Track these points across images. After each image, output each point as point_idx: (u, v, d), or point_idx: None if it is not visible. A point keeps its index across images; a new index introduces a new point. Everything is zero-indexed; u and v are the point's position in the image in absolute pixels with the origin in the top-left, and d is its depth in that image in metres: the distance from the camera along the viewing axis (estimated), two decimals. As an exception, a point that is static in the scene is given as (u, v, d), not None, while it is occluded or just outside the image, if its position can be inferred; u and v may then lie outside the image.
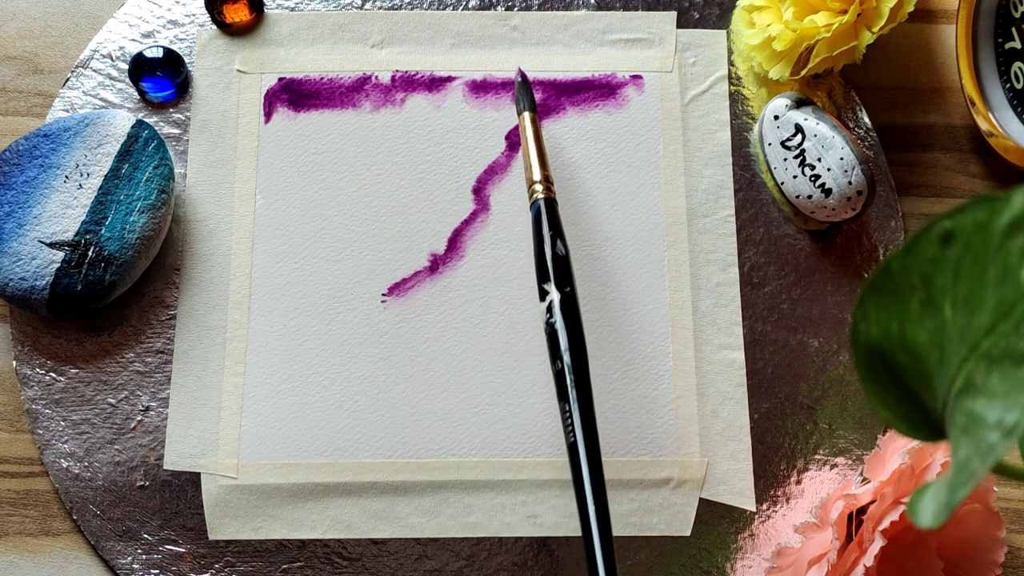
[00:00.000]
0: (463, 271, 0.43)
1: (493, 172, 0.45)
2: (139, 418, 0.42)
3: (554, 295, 0.37)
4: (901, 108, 0.47)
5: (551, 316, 0.37)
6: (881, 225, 0.45)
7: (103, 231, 0.41)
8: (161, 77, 0.45)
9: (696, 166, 0.45)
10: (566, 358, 0.36)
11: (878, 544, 0.35)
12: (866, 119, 0.46)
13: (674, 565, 0.40)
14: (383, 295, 0.43)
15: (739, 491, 0.41)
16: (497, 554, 0.40)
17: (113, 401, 0.42)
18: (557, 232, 0.39)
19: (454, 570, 0.40)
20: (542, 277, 0.38)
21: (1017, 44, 0.44)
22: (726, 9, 0.47)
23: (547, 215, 0.39)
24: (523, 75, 0.44)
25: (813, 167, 0.42)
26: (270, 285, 0.43)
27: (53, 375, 0.42)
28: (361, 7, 0.47)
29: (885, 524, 0.35)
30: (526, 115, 0.42)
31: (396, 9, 0.47)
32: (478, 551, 0.40)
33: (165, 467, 0.41)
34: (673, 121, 0.45)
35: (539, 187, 0.40)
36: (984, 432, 0.21)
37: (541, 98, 0.46)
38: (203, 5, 0.47)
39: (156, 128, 0.45)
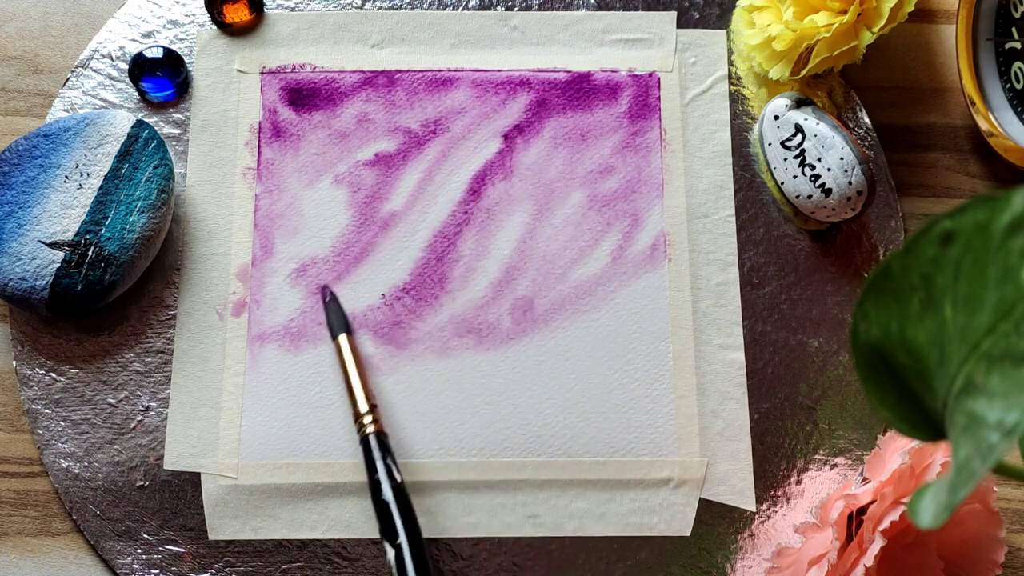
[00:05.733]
0: (462, 271, 0.43)
1: (492, 172, 0.45)
2: (139, 418, 0.42)
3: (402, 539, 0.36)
4: (901, 108, 0.47)
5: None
6: (881, 225, 0.45)
7: (103, 231, 0.41)
8: (161, 77, 0.45)
9: (696, 166, 0.45)
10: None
11: (878, 544, 0.35)
12: (866, 119, 0.46)
13: (674, 565, 0.40)
14: (383, 295, 0.43)
15: (739, 491, 0.41)
16: (497, 554, 0.40)
17: (113, 401, 0.42)
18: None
19: (454, 570, 0.40)
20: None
21: (1017, 44, 0.44)
22: (726, 9, 0.47)
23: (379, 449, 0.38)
24: (332, 294, 0.42)
25: (813, 167, 0.42)
26: (270, 285, 0.43)
27: (53, 375, 0.42)
28: (361, 7, 0.47)
29: (885, 524, 0.35)
30: (343, 338, 0.41)
31: (396, 9, 0.47)
32: (478, 551, 0.40)
33: (165, 467, 0.41)
34: (673, 121, 0.45)
35: (368, 419, 0.39)
36: (984, 432, 0.21)
37: (540, 98, 0.46)
38: (203, 5, 0.47)
39: (156, 128, 0.45)
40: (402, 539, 0.36)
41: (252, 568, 0.40)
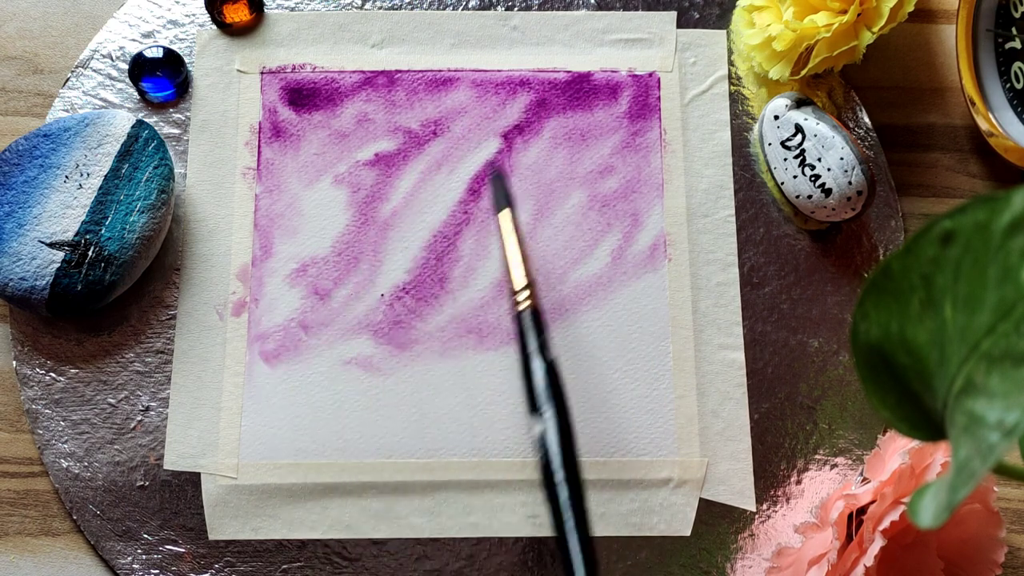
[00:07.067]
0: (462, 271, 0.43)
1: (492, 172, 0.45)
2: (139, 418, 0.42)
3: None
4: (901, 108, 0.47)
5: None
6: (881, 225, 0.45)
7: (103, 231, 0.41)
8: (161, 77, 0.45)
9: (696, 166, 0.45)
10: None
11: (878, 544, 0.35)
12: (866, 119, 0.46)
13: (674, 565, 0.40)
14: (383, 295, 0.43)
15: (739, 491, 0.41)
16: (497, 554, 0.40)
17: (113, 401, 0.42)
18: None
19: (454, 570, 0.40)
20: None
21: (1017, 44, 0.44)
22: (726, 9, 0.47)
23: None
24: (497, 171, 0.42)
25: (813, 167, 0.42)
26: (270, 285, 0.43)
27: (53, 375, 0.42)
28: (361, 7, 0.47)
29: (885, 524, 0.35)
30: (505, 213, 0.40)
31: (396, 9, 0.47)
32: (478, 551, 0.40)
33: (165, 467, 0.41)
34: (673, 121, 0.45)
35: (522, 296, 0.38)
36: (984, 432, 0.21)
37: (540, 97, 0.46)
38: (203, 5, 0.47)
39: (156, 128, 0.45)
40: (548, 414, 0.35)
41: (252, 568, 0.40)
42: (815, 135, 0.42)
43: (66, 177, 0.42)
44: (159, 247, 0.43)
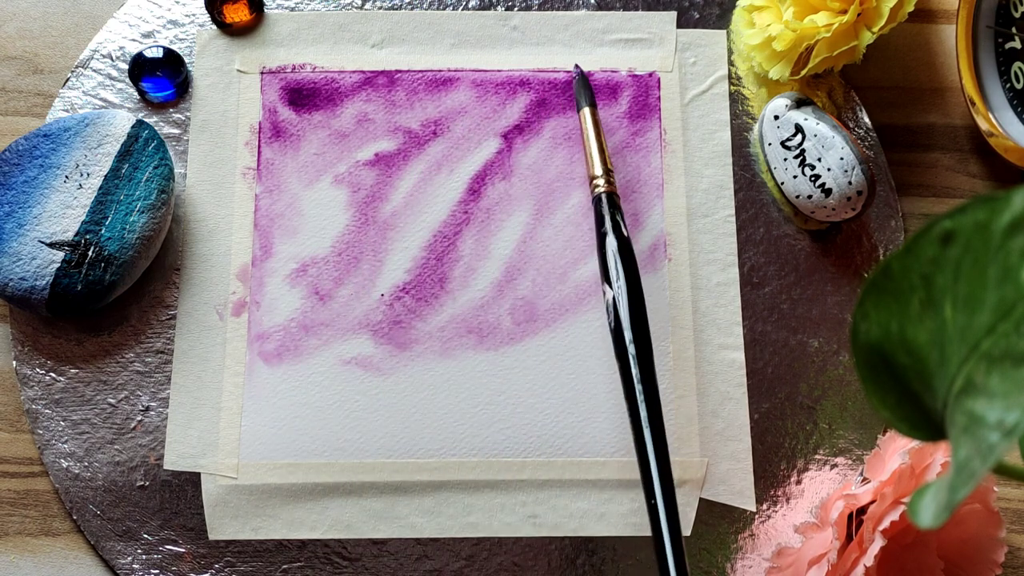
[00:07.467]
0: (462, 271, 0.43)
1: (491, 172, 0.45)
2: (139, 418, 0.42)
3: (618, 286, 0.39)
4: (901, 108, 0.47)
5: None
6: (881, 225, 0.45)
7: (103, 231, 0.41)
8: (161, 77, 0.45)
9: (696, 166, 0.45)
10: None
11: (878, 544, 0.35)
12: (866, 119, 0.46)
13: (674, 565, 0.40)
14: (383, 295, 0.43)
15: (739, 491, 0.41)
16: (497, 554, 0.40)
17: (113, 401, 0.42)
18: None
19: (454, 570, 0.40)
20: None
21: (1017, 44, 0.44)
22: (726, 9, 0.47)
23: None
24: (581, 71, 0.45)
25: (813, 167, 0.42)
26: (270, 285, 0.43)
27: (53, 375, 0.42)
28: (361, 7, 0.47)
29: (885, 524, 0.35)
30: (586, 111, 0.44)
31: (396, 9, 0.47)
32: (478, 551, 0.40)
33: (165, 467, 0.41)
34: (673, 121, 0.45)
35: (601, 180, 0.42)
36: (984, 432, 0.21)
37: (540, 98, 0.46)
38: (203, 5, 0.47)
39: (156, 128, 0.45)
40: (620, 283, 0.39)
41: (252, 568, 0.40)
42: (815, 135, 0.42)
43: (66, 177, 0.42)
44: (159, 247, 0.43)
